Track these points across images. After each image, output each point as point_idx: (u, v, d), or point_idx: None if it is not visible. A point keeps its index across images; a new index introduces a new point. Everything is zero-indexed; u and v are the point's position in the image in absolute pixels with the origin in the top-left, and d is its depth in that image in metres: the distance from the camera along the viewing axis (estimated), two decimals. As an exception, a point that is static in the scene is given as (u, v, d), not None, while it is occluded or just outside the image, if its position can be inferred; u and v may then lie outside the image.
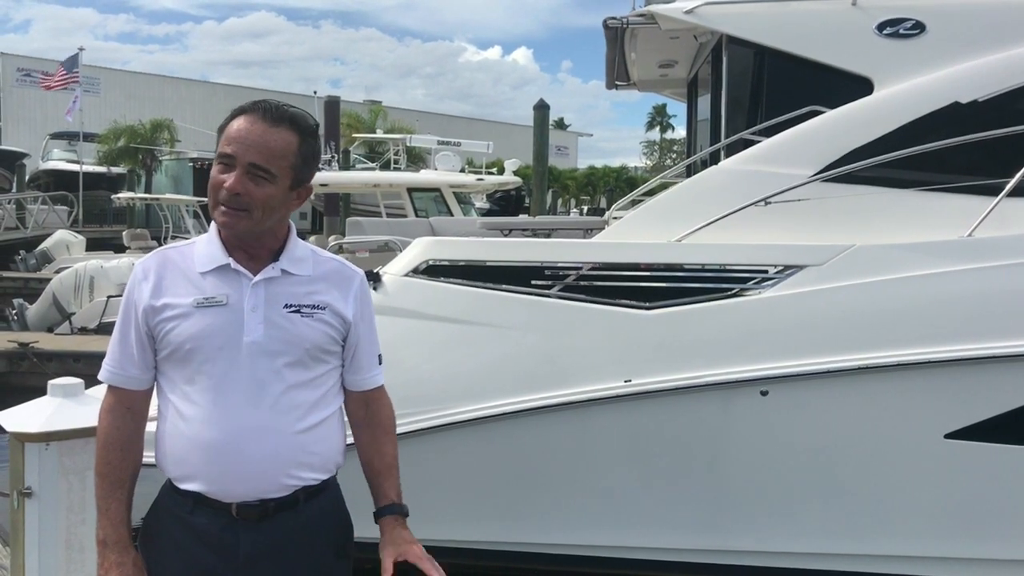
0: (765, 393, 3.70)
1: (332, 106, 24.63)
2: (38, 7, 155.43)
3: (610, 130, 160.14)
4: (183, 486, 2.01)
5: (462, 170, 18.48)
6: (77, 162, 34.22)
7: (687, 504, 3.90)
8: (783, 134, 4.34)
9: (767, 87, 4.82)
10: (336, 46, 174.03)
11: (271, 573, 2.02)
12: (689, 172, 6.01)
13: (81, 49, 33.40)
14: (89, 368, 2.24)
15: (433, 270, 4.00)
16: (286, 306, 2.02)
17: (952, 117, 4.17)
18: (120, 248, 20.78)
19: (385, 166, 21.06)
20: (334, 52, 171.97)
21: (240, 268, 2.01)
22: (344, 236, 10.96)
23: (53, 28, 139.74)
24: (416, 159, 26.08)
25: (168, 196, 25.18)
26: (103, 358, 2.09)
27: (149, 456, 2.09)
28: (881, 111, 4.28)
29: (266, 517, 2.00)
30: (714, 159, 4.93)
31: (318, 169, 2.16)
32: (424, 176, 17.65)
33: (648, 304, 3.83)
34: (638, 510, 3.92)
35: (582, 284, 3.91)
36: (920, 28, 4.44)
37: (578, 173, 54.75)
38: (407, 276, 4.00)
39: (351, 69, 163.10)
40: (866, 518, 3.82)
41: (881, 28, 4.47)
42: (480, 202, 23.59)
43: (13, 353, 9.89)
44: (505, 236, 7.03)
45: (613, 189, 45.03)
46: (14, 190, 30.37)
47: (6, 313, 13.27)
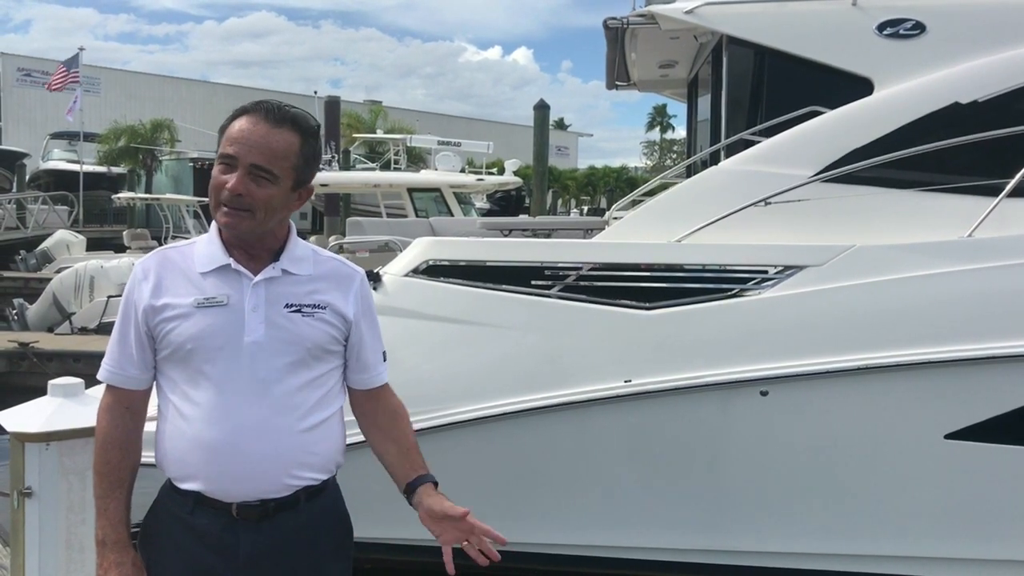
0: (765, 393, 3.70)
1: (332, 106, 24.65)
2: (38, 7, 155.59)
3: (610, 130, 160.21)
4: (183, 486, 2.01)
5: (462, 170, 18.48)
6: (77, 162, 34.22)
7: (687, 504, 3.90)
8: (783, 134, 4.34)
9: (767, 87, 4.83)
10: (336, 46, 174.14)
11: (271, 573, 2.02)
12: (689, 172, 6.01)
13: (81, 49, 33.40)
14: (89, 368, 2.24)
15: (433, 270, 4.00)
16: (287, 306, 2.01)
17: (952, 117, 4.18)
18: (120, 248, 20.78)
19: (385, 166, 21.08)
20: (334, 52, 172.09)
21: (240, 268, 2.01)
22: (344, 236, 10.97)
23: (53, 28, 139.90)
24: (416, 159, 26.09)
25: (168, 196, 25.17)
26: (103, 358, 2.09)
27: (149, 456, 2.09)
28: (881, 111, 4.29)
29: (266, 517, 2.00)
30: (714, 159, 4.93)
31: (319, 170, 2.16)
32: (424, 176, 17.66)
33: (648, 304, 3.83)
34: (638, 510, 3.92)
35: (582, 284, 3.91)
36: (920, 28, 4.44)
37: (578, 173, 54.73)
38: (407, 276, 4.00)
39: (351, 69, 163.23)
40: (866, 518, 3.83)
41: (881, 28, 4.47)
42: (480, 202, 23.62)
43: (13, 353, 9.89)
44: (505, 236, 7.03)
45: (613, 189, 45.05)
46: (14, 190, 30.36)
47: (6, 313, 13.26)
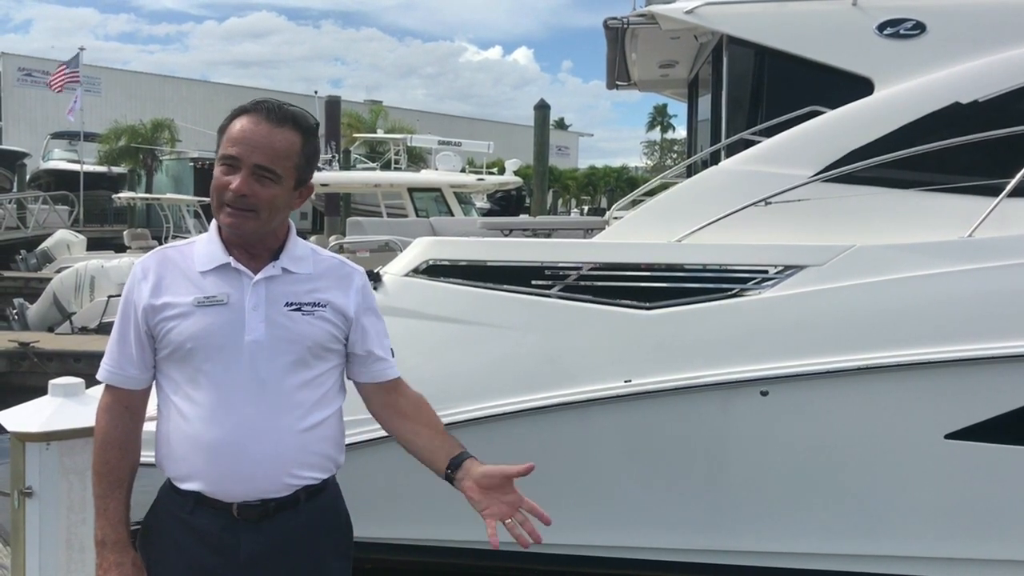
0: (765, 393, 3.70)
1: (333, 106, 24.66)
2: (39, 7, 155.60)
3: (611, 130, 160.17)
4: (184, 486, 2.00)
5: (463, 170, 18.49)
6: (78, 162, 34.22)
7: (687, 504, 3.90)
8: (783, 134, 4.34)
9: (767, 87, 4.83)
10: (337, 46, 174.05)
11: (272, 573, 2.02)
12: (690, 172, 6.01)
13: (82, 49, 33.44)
14: (90, 368, 2.23)
15: (433, 270, 4.00)
16: (287, 304, 2.01)
17: (952, 117, 4.17)
18: (121, 248, 20.77)
19: (386, 166, 21.10)
20: (335, 52, 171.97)
21: (241, 267, 2.01)
22: (344, 236, 10.98)
23: (54, 28, 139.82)
24: (417, 159, 26.11)
25: (169, 196, 25.17)
26: (102, 358, 2.09)
27: (149, 456, 2.09)
28: (881, 111, 4.28)
29: (267, 517, 2.00)
30: (715, 159, 4.93)
31: (318, 169, 2.17)
32: (425, 176, 17.67)
33: (648, 304, 3.83)
34: (638, 510, 3.92)
35: (582, 284, 3.91)
36: (920, 28, 4.44)
37: (579, 173, 54.75)
38: (407, 276, 4.00)
39: (352, 69, 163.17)
40: (866, 518, 3.83)
41: (881, 28, 4.47)
42: (481, 202, 23.60)
43: (14, 353, 9.89)
44: (505, 236, 7.03)
45: (613, 189, 45.05)
46: (15, 190, 30.36)
47: (7, 313, 13.26)
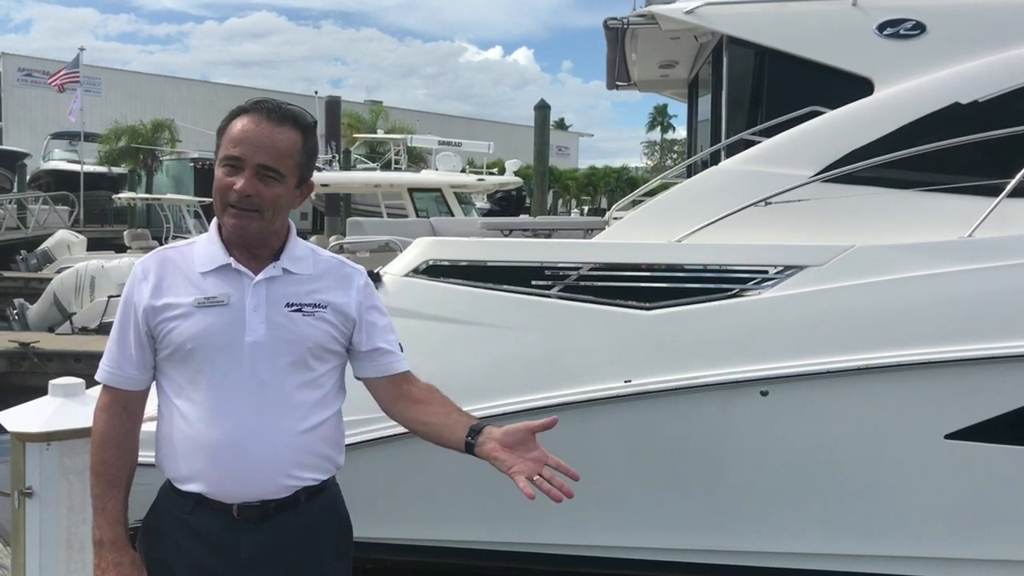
0: (765, 393, 3.70)
1: (333, 106, 24.65)
2: (39, 7, 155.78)
3: (611, 130, 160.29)
4: (184, 487, 2.00)
5: (463, 170, 18.48)
6: (78, 162, 34.22)
7: (687, 504, 3.90)
8: (783, 134, 4.34)
9: (767, 87, 4.82)
10: (337, 46, 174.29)
11: (272, 573, 2.02)
12: (690, 172, 6.01)
13: (82, 49, 33.47)
14: (90, 368, 2.23)
15: (433, 270, 4.00)
16: (287, 305, 2.01)
17: (952, 118, 4.17)
18: (121, 248, 20.77)
19: (386, 166, 21.10)
20: (335, 52, 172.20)
21: (241, 268, 2.01)
22: (345, 236, 10.97)
23: (54, 28, 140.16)
24: (417, 159, 26.11)
25: (169, 196, 25.18)
26: (102, 358, 2.09)
27: (149, 456, 2.09)
28: (881, 111, 4.28)
29: (266, 518, 2.00)
30: (715, 159, 4.93)
31: (318, 169, 2.17)
32: (425, 176, 17.66)
33: (648, 304, 3.83)
34: (638, 510, 3.92)
35: (582, 284, 3.90)
36: (920, 28, 4.44)
37: (579, 173, 54.76)
38: (407, 276, 4.00)
39: (352, 69, 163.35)
40: (866, 518, 3.82)
41: (881, 28, 4.47)
42: (481, 202, 23.61)
43: (14, 353, 9.89)
44: (506, 236, 7.03)
45: (614, 189, 45.06)
46: (15, 190, 30.36)
47: (7, 313, 13.25)
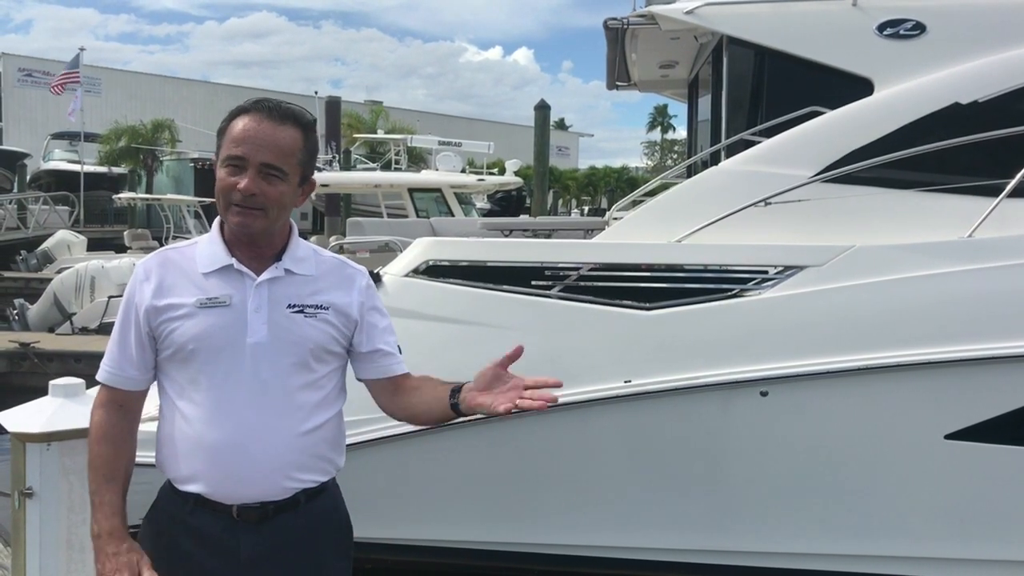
0: (765, 394, 3.70)
1: (333, 106, 24.66)
2: (39, 7, 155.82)
3: (611, 130, 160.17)
4: (184, 488, 2.00)
5: (463, 170, 18.48)
6: (78, 162, 34.22)
7: (687, 504, 3.90)
8: (783, 135, 4.34)
9: (767, 88, 4.82)
10: (337, 46, 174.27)
11: (272, 574, 2.02)
12: (690, 173, 6.01)
13: (82, 49, 33.45)
14: (90, 368, 2.23)
15: (433, 270, 4.00)
16: (289, 306, 2.01)
17: (952, 118, 4.17)
18: (121, 248, 20.76)
19: (386, 166, 21.09)
20: (335, 52, 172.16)
21: (243, 268, 2.01)
22: (345, 236, 10.98)
23: (54, 28, 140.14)
24: (417, 159, 26.11)
25: (169, 196, 25.18)
26: (102, 359, 2.09)
27: (149, 456, 2.09)
28: (881, 112, 4.28)
29: (266, 519, 2.00)
30: (715, 160, 4.93)
31: (318, 169, 2.17)
32: (425, 176, 17.67)
33: (648, 304, 3.83)
34: (638, 510, 3.92)
35: (582, 284, 3.91)
36: (920, 29, 4.44)
37: (579, 173, 54.75)
38: (407, 276, 4.00)
39: (352, 69, 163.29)
40: (866, 519, 3.82)
41: (881, 29, 4.47)
42: (481, 202, 23.62)
43: (14, 353, 9.88)
44: (506, 236, 7.03)
45: (614, 189, 45.07)
46: (15, 190, 30.34)
47: (7, 313, 13.25)
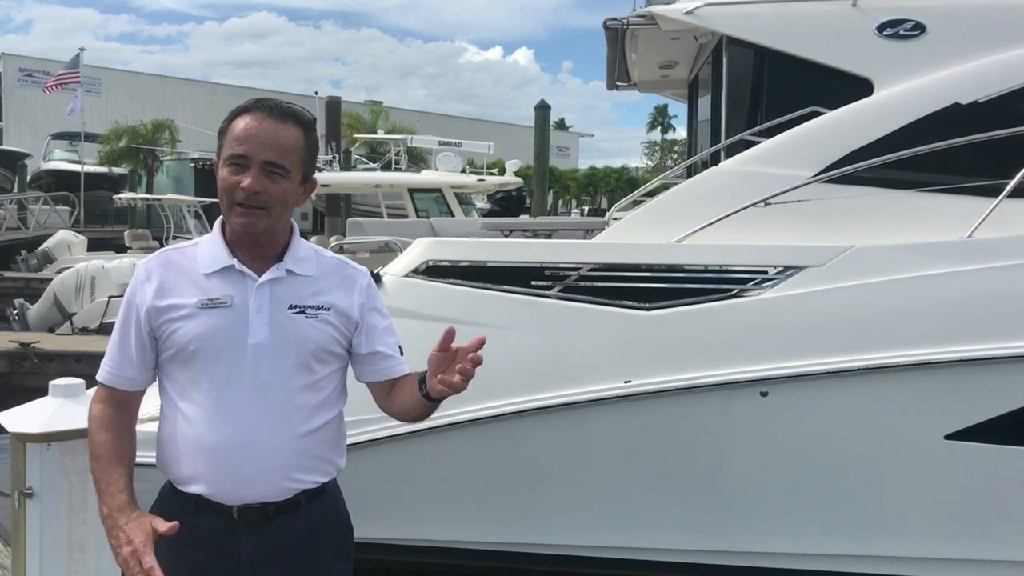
0: (765, 394, 3.71)
1: (333, 106, 24.67)
2: (39, 8, 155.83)
3: (611, 131, 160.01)
4: (185, 488, 2.00)
5: (463, 171, 18.49)
6: (78, 162, 34.20)
7: (687, 505, 3.90)
8: (783, 135, 4.35)
9: (767, 88, 4.83)
10: (337, 46, 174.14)
11: (272, 575, 2.02)
12: (690, 173, 6.01)
13: (82, 49, 33.43)
14: (90, 368, 2.23)
15: (433, 271, 4.00)
16: (291, 307, 2.01)
17: (952, 118, 4.18)
18: (121, 248, 20.75)
19: (386, 166, 21.10)
20: (335, 52, 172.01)
21: (245, 269, 2.01)
22: (345, 236, 10.98)
23: (54, 28, 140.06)
24: (417, 159, 26.12)
25: (169, 196, 25.15)
26: (103, 359, 2.09)
27: (149, 457, 2.09)
28: (881, 112, 4.29)
29: (267, 520, 2.00)
30: (715, 160, 4.93)
31: (318, 169, 2.17)
32: (425, 177, 17.68)
33: (648, 305, 3.83)
34: (638, 511, 3.92)
35: (582, 285, 3.91)
36: (920, 29, 4.44)
37: (579, 174, 54.72)
38: (407, 277, 4.00)
39: (352, 69, 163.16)
40: (866, 519, 3.83)
41: (881, 29, 4.47)
42: (481, 202, 23.64)
43: (14, 353, 9.89)
44: (506, 237, 7.04)
45: (614, 190, 45.08)
46: (15, 190, 30.32)
47: (7, 313, 13.25)
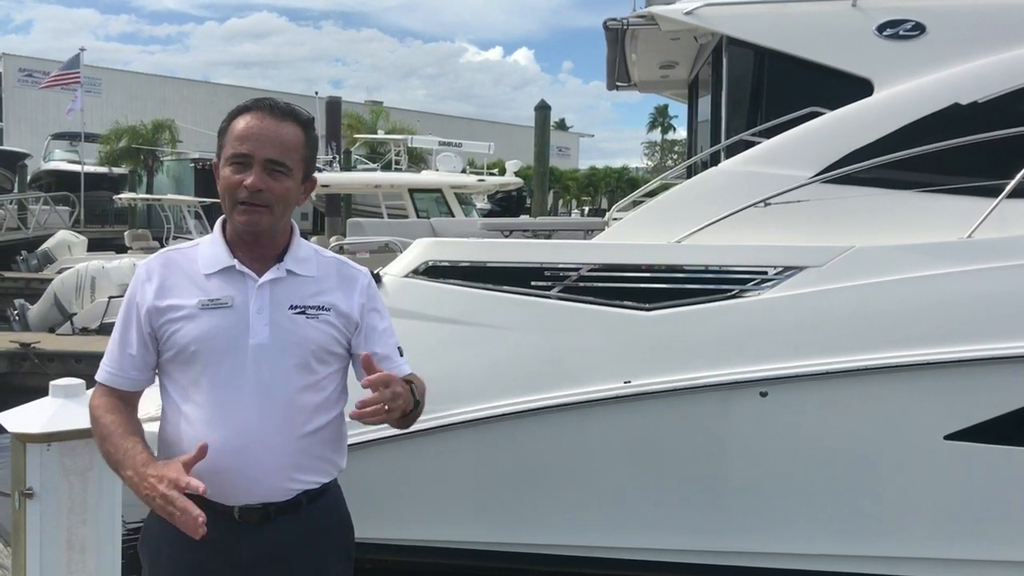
0: (764, 394, 3.71)
1: (333, 107, 24.70)
2: (40, 8, 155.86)
3: (611, 131, 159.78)
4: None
5: (463, 171, 18.49)
6: (79, 162, 34.20)
7: (687, 505, 3.90)
8: (783, 135, 4.35)
9: (767, 88, 4.83)
10: (337, 47, 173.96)
11: (273, 575, 2.02)
12: (690, 173, 6.02)
13: (83, 49, 33.44)
14: (91, 369, 2.23)
15: (433, 271, 4.01)
16: (291, 307, 2.01)
17: (952, 118, 4.18)
18: (122, 248, 20.74)
19: (386, 167, 21.10)
20: (335, 53, 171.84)
21: (245, 270, 2.01)
22: (345, 237, 10.98)
23: (55, 29, 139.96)
24: (417, 160, 26.14)
25: (170, 197, 25.17)
26: (103, 359, 2.09)
27: (150, 457, 2.09)
28: (881, 112, 4.29)
29: (268, 520, 2.00)
30: (715, 160, 4.94)
31: (318, 169, 2.17)
32: (425, 177, 17.68)
33: (648, 305, 3.83)
34: (638, 511, 3.92)
35: (582, 285, 3.91)
36: (920, 29, 4.45)
37: (579, 174, 54.71)
38: (407, 277, 4.01)
39: (352, 70, 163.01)
40: (865, 519, 3.83)
41: (881, 29, 4.48)
42: (481, 203, 23.61)
43: (15, 353, 9.88)
44: (506, 237, 7.04)
45: (614, 190, 45.10)
46: (16, 190, 30.33)
47: (7, 313, 13.24)
